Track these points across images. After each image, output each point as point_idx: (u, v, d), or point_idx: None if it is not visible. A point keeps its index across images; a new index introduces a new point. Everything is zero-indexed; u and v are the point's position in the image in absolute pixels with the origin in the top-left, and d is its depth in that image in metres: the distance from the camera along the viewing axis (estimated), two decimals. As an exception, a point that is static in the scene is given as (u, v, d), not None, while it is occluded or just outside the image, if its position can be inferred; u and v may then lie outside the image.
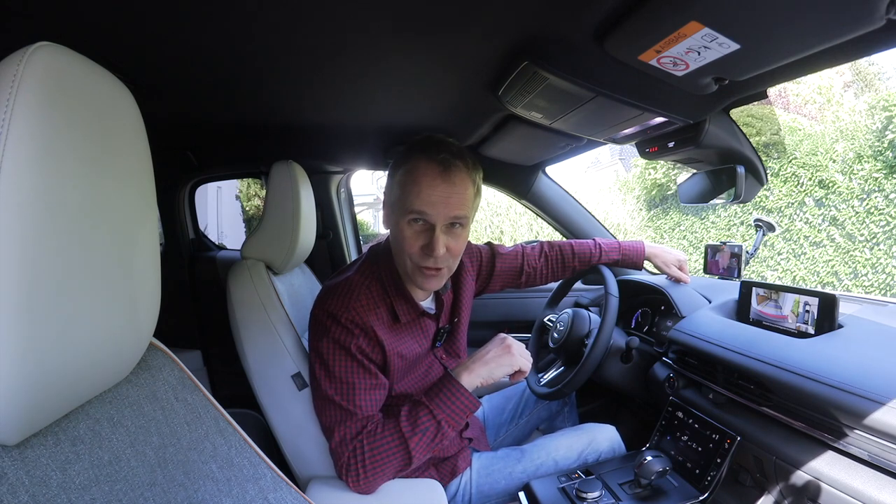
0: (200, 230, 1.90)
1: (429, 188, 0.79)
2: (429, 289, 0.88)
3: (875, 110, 4.84)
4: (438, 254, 0.81)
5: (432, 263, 0.83)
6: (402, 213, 0.82)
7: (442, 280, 0.88)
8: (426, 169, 0.80)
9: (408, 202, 0.81)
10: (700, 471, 0.88)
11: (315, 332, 0.87)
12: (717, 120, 0.90)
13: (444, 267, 0.85)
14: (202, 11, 0.61)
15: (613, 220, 7.25)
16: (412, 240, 0.82)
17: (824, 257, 4.97)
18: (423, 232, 0.82)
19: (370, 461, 0.81)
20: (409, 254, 0.83)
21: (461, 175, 0.82)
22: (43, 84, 0.34)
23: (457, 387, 0.85)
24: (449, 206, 0.80)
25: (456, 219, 0.82)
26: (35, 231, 0.33)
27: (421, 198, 0.79)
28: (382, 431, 0.82)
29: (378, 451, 0.81)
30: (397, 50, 0.74)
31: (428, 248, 0.81)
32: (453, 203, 0.81)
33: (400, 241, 0.84)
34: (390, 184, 0.88)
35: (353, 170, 1.74)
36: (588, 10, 0.60)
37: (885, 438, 0.63)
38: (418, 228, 0.82)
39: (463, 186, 0.82)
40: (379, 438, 0.82)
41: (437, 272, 0.85)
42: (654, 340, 1.21)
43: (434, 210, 0.80)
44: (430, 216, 0.80)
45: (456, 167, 0.81)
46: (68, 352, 0.37)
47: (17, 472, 0.36)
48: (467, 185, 0.83)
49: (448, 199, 0.80)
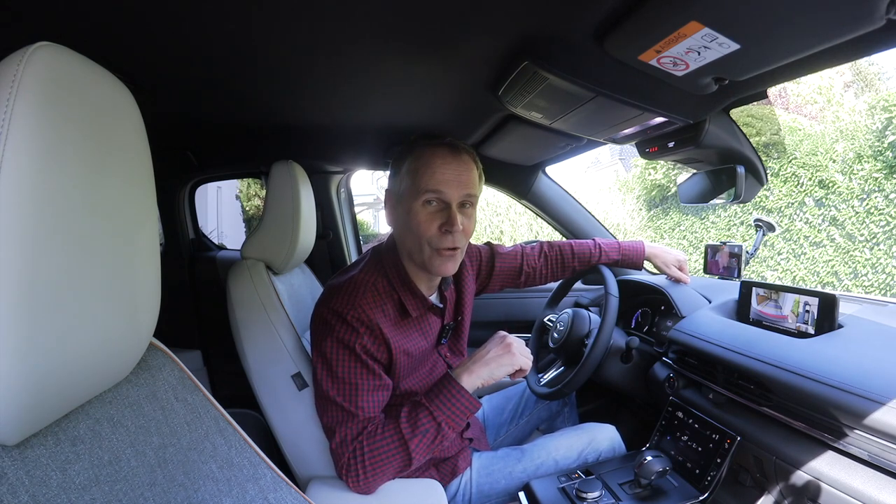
0: (200, 230, 1.90)
1: (442, 167, 0.84)
2: (446, 272, 0.89)
3: (875, 110, 4.83)
4: (458, 228, 0.84)
5: (451, 243, 0.85)
6: (415, 196, 0.85)
7: (457, 263, 0.89)
8: (435, 151, 0.85)
9: (422, 184, 0.84)
10: (700, 471, 0.88)
11: (319, 331, 0.87)
12: (717, 120, 0.90)
13: (459, 247, 0.87)
14: (202, 11, 0.61)
15: (613, 220, 7.24)
16: (429, 222, 0.85)
17: (824, 257, 4.97)
18: (440, 212, 0.85)
19: (370, 462, 0.81)
20: (428, 237, 0.85)
21: (467, 156, 0.88)
22: (43, 84, 0.34)
23: (457, 388, 0.85)
24: (461, 184, 0.85)
25: (468, 197, 0.87)
26: (35, 231, 0.33)
27: (435, 177, 0.83)
28: (382, 432, 0.82)
29: (378, 451, 0.81)
30: (397, 50, 0.74)
31: (447, 224, 0.84)
32: (464, 181, 0.85)
33: (415, 226, 0.85)
34: (397, 177, 0.90)
35: (353, 170, 1.74)
36: (588, 10, 0.60)
37: (885, 438, 0.63)
38: (433, 209, 0.85)
39: (470, 166, 0.88)
40: (379, 439, 0.82)
41: (454, 253, 0.86)
42: (654, 340, 1.21)
43: (448, 188, 0.84)
44: (446, 194, 0.84)
45: (462, 148, 0.88)
46: (68, 352, 0.37)
47: (17, 472, 0.36)
48: (472, 165, 0.89)
49: (460, 176, 0.85)
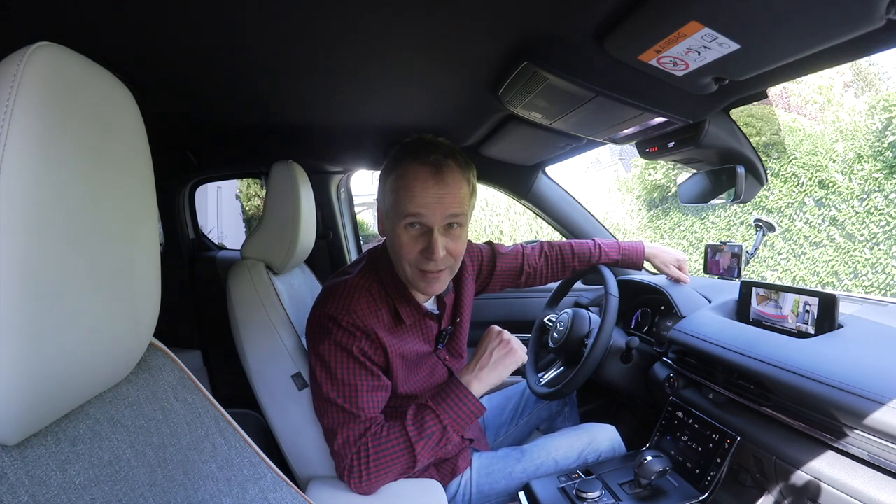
0: (200, 230, 1.90)
1: (422, 191, 0.78)
2: (432, 293, 0.87)
3: (875, 110, 4.82)
4: (438, 256, 0.80)
5: (433, 267, 0.81)
6: (397, 218, 0.81)
7: (444, 283, 0.86)
8: (417, 172, 0.79)
9: (402, 207, 0.79)
10: (700, 471, 0.88)
11: (316, 334, 0.86)
12: (717, 120, 0.90)
13: (445, 269, 0.84)
14: (202, 11, 0.61)
15: (613, 220, 7.24)
16: (410, 245, 0.81)
17: (824, 257, 4.97)
18: (421, 236, 0.81)
19: (374, 463, 0.81)
20: (409, 260, 0.82)
21: (454, 174, 0.81)
22: (43, 84, 0.34)
23: (464, 392, 0.84)
24: (444, 206, 0.79)
25: (453, 218, 0.81)
26: (35, 231, 0.33)
27: (415, 201, 0.78)
28: (388, 434, 0.82)
29: (383, 453, 0.81)
30: (397, 50, 0.74)
31: (427, 252, 0.80)
32: (448, 203, 0.79)
33: (398, 247, 0.82)
34: (382, 190, 0.86)
35: (353, 170, 1.74)
36: (588, 10, 0.60)
37: (885, 438, 0.63)
38: (415, 233, 0.81)
39: (457, 186, 0.81)
40: (384, 441, 0.82)
41: (438, 275, 0.84)
42: (654, 340, 1.21)
43: (429, 212, 0.79)
44: (426, 218, 0.79)
45: (448, 167, 0.80)
46: (68, 352, 0.36)
47: (17, 472, 0.36)
48: (461, 183, 0.82)
49: (442, 199, 0.79)
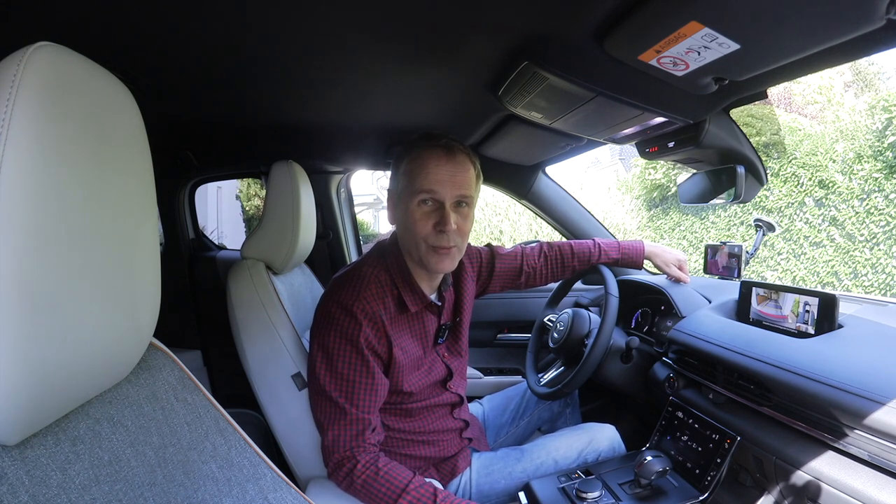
0: (200, 230, 1.90)
1: (436, 168, 0.86)
2: (442, 270, 0.91)
3: (875, 110, 4.82)
4: (451, 228, 0.85)
5: (445, 242, 0.87)
6: (411, 196, 0.87)
7: (454, 261, 0.91)
8: (431, 153, 0.87)
9: (417, 184, 0.86)
10: (700, 471, 0.88)
11: (322, 324, 0.88)
12: (717, 120, 0.90)
13: (454, 246, 0.89)
14: (202, 11, 0.61)
15: (613, 220, 7.24)
16: (423, 220, 0.86)
17: (824, 257, 4.97)
18: (434, 211, 0.87)
19: (361, 486, 0.81)
20: (423, 235, 0.87)
21: (463, 156, 0.89)
22: (43, 84, 0.34)
23: None
24: (455, 185, 0.86)
25: (462, 197, 0.88)
26: (35, 231, 0.33)
27: (429, 178, 0.85)
28: (387, 473, 0.81)
29: (373, 485, 0.81)
30: (397, 50, 0.74)
31: (440, 224, 0.86)
32: (458, 181, 0.87)
33: (411, 224, 0.87)
34: (395, 177, 0.93)
35: (353, 170, 1.74)
36: (588, 10, 0.60)
37: (885, 438, 0.63)
38: (428, 209, 0.87)
39: (466, 167, 0.89)
40: (381, 477, 0.81)
41: (449, 251, 0.88)
42: (654, 340, 1.21)
43: (442, 188, 0.86)
44: (439, 194, 0.86)
45: (458, 149, 0.88)
46: (68, 351, 0.37)
47: (17, 472, 0.36)
48: (469, 166, 0.90)
49: (454, 177, 0.86)
